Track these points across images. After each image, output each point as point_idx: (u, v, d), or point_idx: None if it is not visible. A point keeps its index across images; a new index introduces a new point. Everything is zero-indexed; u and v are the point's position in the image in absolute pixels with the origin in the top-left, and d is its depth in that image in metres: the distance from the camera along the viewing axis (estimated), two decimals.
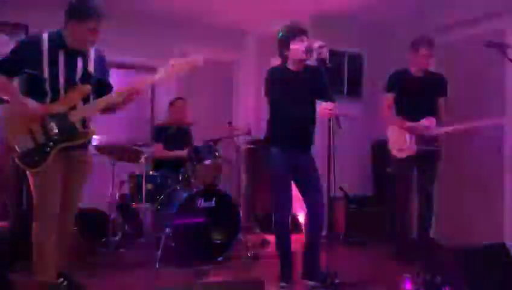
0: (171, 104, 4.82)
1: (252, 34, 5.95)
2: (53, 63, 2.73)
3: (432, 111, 3.96)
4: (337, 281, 3.02)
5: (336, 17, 5.04)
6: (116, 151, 4.11)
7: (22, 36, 4.51)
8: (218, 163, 4.29)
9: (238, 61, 6.01)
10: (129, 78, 5.03)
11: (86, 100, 2.86)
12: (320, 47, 3.09)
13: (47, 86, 2.74)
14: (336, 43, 5.15)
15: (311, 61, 3.27)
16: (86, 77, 2.85)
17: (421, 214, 4.07)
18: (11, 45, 2.93)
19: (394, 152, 4.05)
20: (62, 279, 3.00)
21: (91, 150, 3.31)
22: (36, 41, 2.75)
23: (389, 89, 4.08)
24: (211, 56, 5.68)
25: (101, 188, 4.19)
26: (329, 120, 2.99)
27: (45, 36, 2.76)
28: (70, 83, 2.79)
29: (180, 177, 4.28)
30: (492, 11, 4.23)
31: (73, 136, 2.81)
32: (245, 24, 5.62)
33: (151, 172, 4.29)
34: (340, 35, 5.19)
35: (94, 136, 3.91)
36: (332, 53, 3.08)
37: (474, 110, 3.91)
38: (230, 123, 4.91)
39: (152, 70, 3.04)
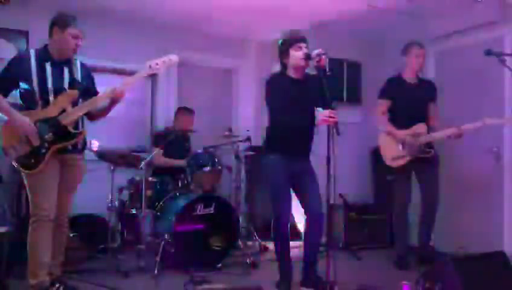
0: (178, 113, 4.83)
1: (252, 41, 5.97)
2: (41, 74, 2.96)
3: (425, 117, 3.98)
4: (336, 288, 3.01)
5: (335, 26, 5.07)
6: (115, 157, 4.10)
7: (23, 42, 4.55)
8: (217, 170, 4.29)
9: (238, 68, 6.02)
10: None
11: (75, 104, 3.04)
12: (319, 55, 3.10)
13: (37, 95, 2.95)
14: (336, 51, 5.18)
15: (311, 69, 3.29)
16: (74, 84, 3.06)
17: (421, 222, 4.07)
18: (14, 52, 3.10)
19: (388, 162, 4.04)
20: (58, 285, 3.00)
21: (89, 155, 3.39)
22: (24, 57, 3.00)
23: (383, 95, 4.10)
24: (211, 63, 5.75)
25: (100, 194, 4.19)
26: (329, 127, 2.99)
27: (32, 52, 3.01)
28: (58, 90, 2.99)
29: (180, 184, 4.28)
30: (490, 21, 4.26)
31: (65, 137, 2.98)
32: (245, 32, 5.64)
33: (150, 178, 4.29)
34: (340, 44, 5.21)
35: (95, 143, 3.95)
36: (331, 61, 3.09)
37: (472, 116, 3.91)
38: (230, 130, 4.91)
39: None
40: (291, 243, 3.36)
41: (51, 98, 2.96)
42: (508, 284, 2.79)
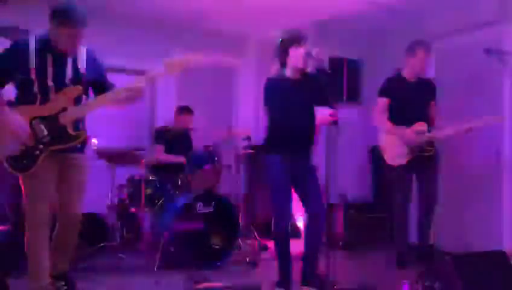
0: (178, 113, 4.82)
1: (252, 40, 5.97)
2: (41, 66, 2.70)
3: (424, 116, 3.98)
4: (335, 287, 3.02)
5: (335, 25, 5.07)
6: (115, 156, 4.11)
7: None
8: (217, 168, 4.29)
9: (238, 67, 6.02)
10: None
11: (78, 101, 2.82)
12: (318, 54, 3.09)
13: (36, 89, 2.70)
14: (335, 49, 5.19)
15: (310, 69, 3.28)
16: (78, 78, 2.81)
17: (420, 221, 4.07)
18: None
19: (389, 161, 4.04)
20: (63, 282, 2.97)
21: (89, 153, 3.24)
22: (22, 47, 2.73)
23: (383, 93, 4.09)
24: (211, 62, 5.74)
25: (100, 193, 4.19)
26: (328, 126, 2.99)
27: (32, 39, 2.75)
28: (59, 85, 2.75)
29: (180, 182, 4.28)
30: (489, 20, 4.26)
31: (63, 138, 2.76)
32: (245, 30, 5.64)
33: (150, 177, 4.29)
34: (340, 42, 5.21)
35: (94, 141, 3.93)
36: (331, 59, 3.08)
37: (471, 115, 3.93)
38: (230, 128, 4.91)
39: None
40: (292, 242, 3.36)
41: (51, 93, 2.72)
42: (507, 283, 2.79)
